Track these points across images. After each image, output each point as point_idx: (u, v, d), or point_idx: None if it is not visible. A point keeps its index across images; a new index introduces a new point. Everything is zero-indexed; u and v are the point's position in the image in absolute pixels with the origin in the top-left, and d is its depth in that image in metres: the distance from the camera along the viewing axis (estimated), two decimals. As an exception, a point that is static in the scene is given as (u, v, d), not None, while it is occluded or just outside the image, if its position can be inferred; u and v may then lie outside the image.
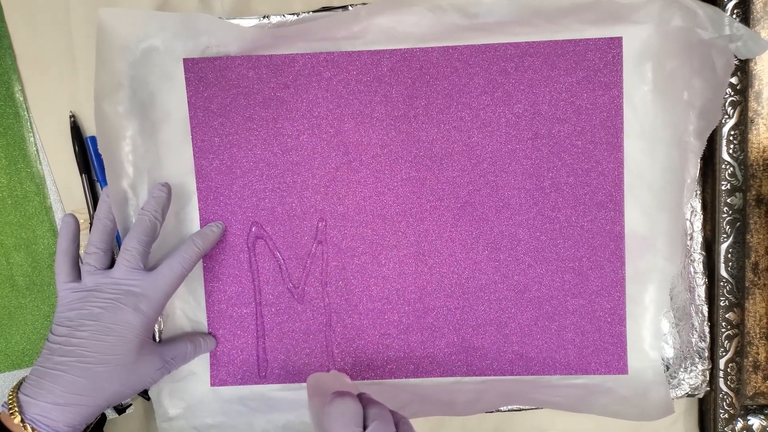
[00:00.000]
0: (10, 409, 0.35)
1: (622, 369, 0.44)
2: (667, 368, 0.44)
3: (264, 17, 0.42)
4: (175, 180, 0.43)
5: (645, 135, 0.42)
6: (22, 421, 0.35)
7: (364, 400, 0.33)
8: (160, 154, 0.43)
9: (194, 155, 0.43)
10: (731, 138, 0.42)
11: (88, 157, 0.44)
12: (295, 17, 0.42)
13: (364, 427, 0.31)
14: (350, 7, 0.41)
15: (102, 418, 0.41)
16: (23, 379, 0.37)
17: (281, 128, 0.43)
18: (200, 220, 0.44)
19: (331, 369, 0.44)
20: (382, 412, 0.32)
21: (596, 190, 0.43)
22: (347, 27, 0.41)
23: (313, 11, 0.42)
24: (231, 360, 0.45)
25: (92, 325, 0.37)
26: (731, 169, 0.42)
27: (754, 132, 0.42)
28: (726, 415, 0.43)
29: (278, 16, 0.42)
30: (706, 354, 0.43)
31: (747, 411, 0.43)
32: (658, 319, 0.43)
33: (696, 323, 0.43)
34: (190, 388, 0.45)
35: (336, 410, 0.31)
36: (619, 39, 0.42)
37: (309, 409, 0.35)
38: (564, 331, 0.44)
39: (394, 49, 0.42)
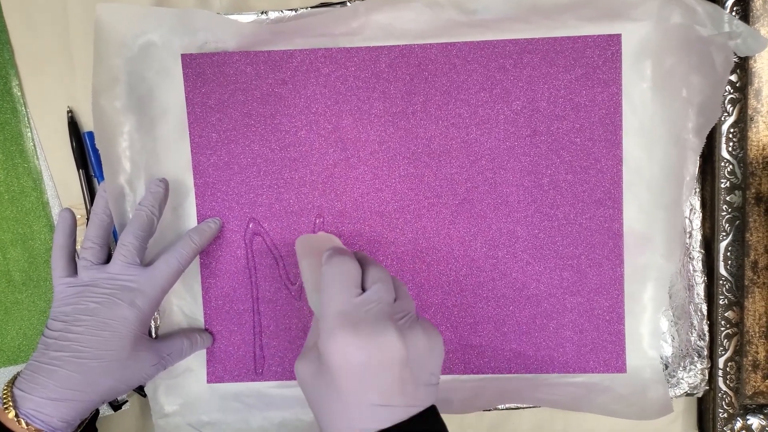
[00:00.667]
0: (5, 403, 0.35)
1: (621, 368, 0.44)
2: (666, 367, 0.44)
3: (262, 13, 0.42)
4: (173, 176, 0.43)
5: (644, 132, 0.42)
6: (16, 415, 0.35)
7: (361, 259, 0.31)
8: (157, 150, 0.43)
9: (192, 151, 0.43)
10: (730, 136, 0.42)
11: (85, 153, 0.44)
12: (293, 13, 0.41)
13: (363, 289, 0.29)
14: (348, 3, 0.41)
15: (95, 414, 0.41)
16: (18, 374, 0.37)
17: (279, 124, 0.43)
18: (197, 216, 0.44)
19: (319, 231, 0.41)
20: (382, 274, 0.30)
21: (595, 188, 0.43)
22: (345, 23, 0.41)
23: (311, 7, 0.42)
24: (228, 357, 0.44)
25: (88, 320, 0.37)
26: (730, 166, 0.42)
27: (754, 130, 0.41)
28: (725, 415, 0.43)
29: (276, 12, 0.42)
30: (705, 353, 0.43)
31: (746, 410, 0.43)
32: (656, 318, 0.43)
33: (695, 322, 0.43)
34: (187, 384, 0.44)
35: (333, 270, 0.29)
36: (618, 36, 0.42)
37: (301, 273, 0.33)
38: (562, 329, 0.44)
39: (393, 46, 0.42)
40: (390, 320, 0.28)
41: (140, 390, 0.45)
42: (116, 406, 0.45)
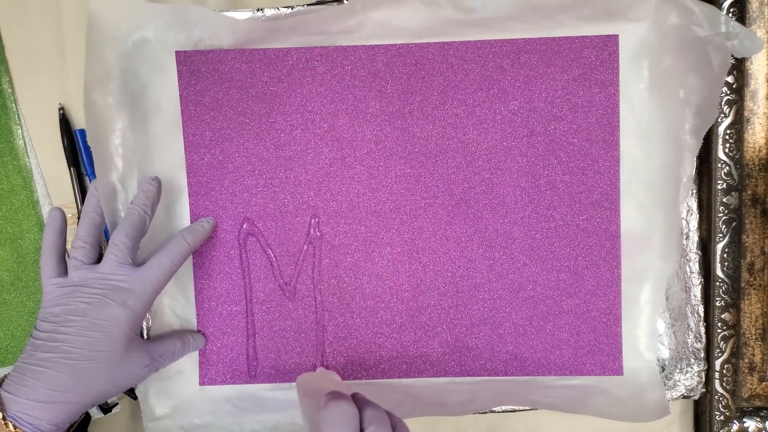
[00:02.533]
0: (-9, 406, 0.34)
1: (617, 370, 0.43)
2: (663, 369, 0.44)
3: (258, 10, 0.41)
4: (166, 174, 0.43)
5: (641, 133, 0.42)
6: (4, 418, 0.34)
7: (359, 401, 0.32)
8: (150, 148, 0.43)
9: (185, 149, 0.43)
10: (727, 137, 0.42)
11: (76, 150, 0.44)
12: (290, 10, 0.41)
13: (361, 430, 0.30)
14: (345, 1, 0.41)
15: (86, 418, 0.40)
16: (5, 376, 0.36)
17: (274, 123, 0.43)
18: (190, 216, 0.43)
19: (318, 367, 0.43)
20: (379, 415, 0.31)
21: (592, 188, 0.42)
22: (342, 21, 0.41)
23: (308, 4, 0.41)
24: (220, 359, 0.44)
25: (78, 320, 0.36)
26: (727, 168, 0.42)
27: (750, 131, 0.41)
28: (722, 417, 0.43)
29: (272, 9, 0.41)
30: (702, 355, 0.43)
31: (743, 413, 0.43)
32: (653, 320, 0.43)
33: (692, 324, 0.43)
34: (178, 387, 0.44)
35: (331, 414, 0.30)
36: (616, 36, 0.42)
37: (301, 411, 0.34)
38: (559, 331, 0.43)
39: (390, 44, 0.42)
40: None
41: (131, 392, 0.44)
42: (106, 409, 0.44)
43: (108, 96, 0.41)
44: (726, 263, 0.42)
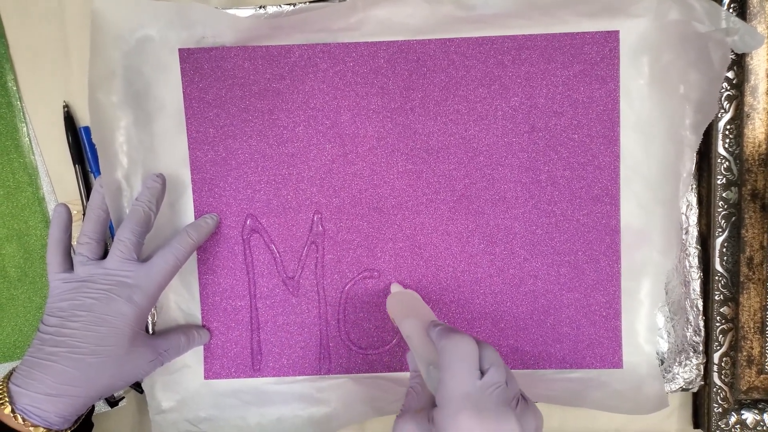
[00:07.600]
0: (0, 399, 0.35)
1: (617, 363, 0.44)
2: (662, 362, 0.44)
3: (260, 7, 0.42)
4: (170, 171, 0.43)
5: (641, 129, 0.42)
6: (13, 411, 0.34)
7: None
8: (154, 145, 0.43)
9: (189, 146, 0.43)
10: (727, 132, 0.42)
11: (81, 148, 0.44)
12: (292, 8, 0.41)
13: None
14: (347, -2, 0.41)
15: (90, 409, 0.41)
16: (14, 369, 0.36)
17: (277, 120, 0.43)
18: (195, 212, 0.44)
19: (392, 283, 0.43)
20: (495, 356, 0.31)
21: (592, 184, 0.43)
22: (344, 18, 0.41)
23: (310, 1, 0.41)
24: (225, 353, 0.44)
25: (84, 315, 0.36)
26: (727, 163, 0.42)
27: (750, 127, 0.42)
28: (720, 410, 0.43)
29: (274, 7, 0.41)
30: (701, 348, 0.43)
31: (741, 405, 0.43)
32: (653, 313, 0.43)
33: (691, 317, 0.43)
34: (184, 381, 0.44)
35: (456, 349, 0.30)
36: (616, 32, 0.42)
37: (406, 335, 0.34)
38: (559, 325, 0.44)
39: (391, 41, 0.42)
40: (509, 406, 0.29)
41: (137, 386, 0.45)
42: (113, 402, 0.44)
43: (112, 94, 0.41)
44: (725, 258, 0.43)
